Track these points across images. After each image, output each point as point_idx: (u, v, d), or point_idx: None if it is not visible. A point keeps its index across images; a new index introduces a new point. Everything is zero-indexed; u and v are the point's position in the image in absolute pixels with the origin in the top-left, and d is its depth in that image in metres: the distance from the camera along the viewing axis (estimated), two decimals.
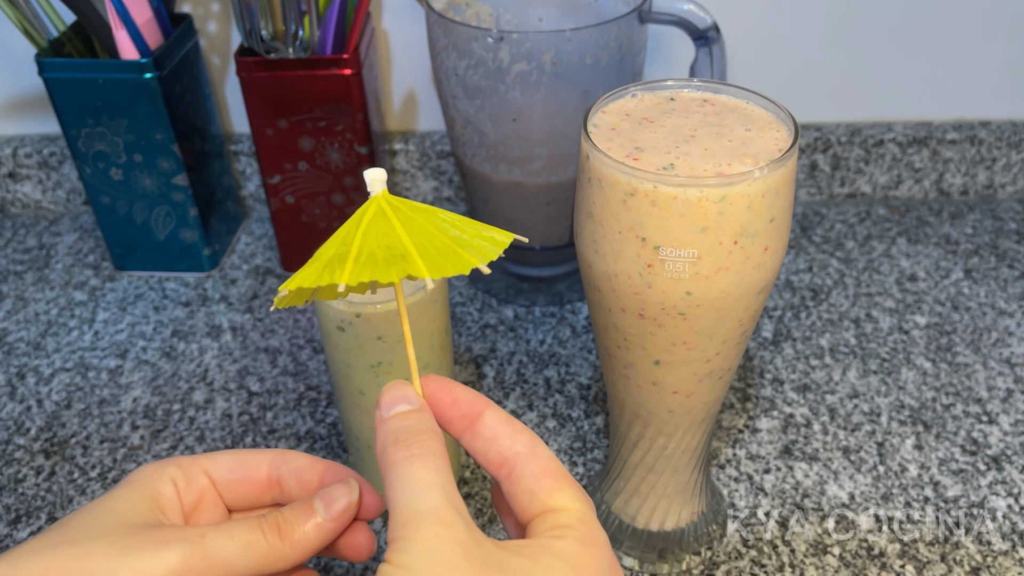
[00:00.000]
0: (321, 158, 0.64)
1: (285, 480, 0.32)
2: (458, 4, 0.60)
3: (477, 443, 0.30)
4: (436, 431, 0.28)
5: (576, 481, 0.29)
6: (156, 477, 0.31)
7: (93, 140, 0.63)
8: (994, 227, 0.74)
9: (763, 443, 0.54)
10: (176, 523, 0.31)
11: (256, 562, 0.29)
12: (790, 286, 0.67)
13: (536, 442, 0.29)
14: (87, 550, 0.27)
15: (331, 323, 0.42)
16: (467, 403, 0.30)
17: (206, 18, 0.71)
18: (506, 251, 0.33)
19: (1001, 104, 0.76)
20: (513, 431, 0.29)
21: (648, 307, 0.36)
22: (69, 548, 0.27)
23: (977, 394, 0.57)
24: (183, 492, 0.31)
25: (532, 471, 0.28)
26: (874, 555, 0.47)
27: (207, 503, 0.32)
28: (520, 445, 0.29)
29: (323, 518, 0.30)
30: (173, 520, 0.31)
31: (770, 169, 0.33)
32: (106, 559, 0.27)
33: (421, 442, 0.27)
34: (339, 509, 0.30)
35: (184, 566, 0.27)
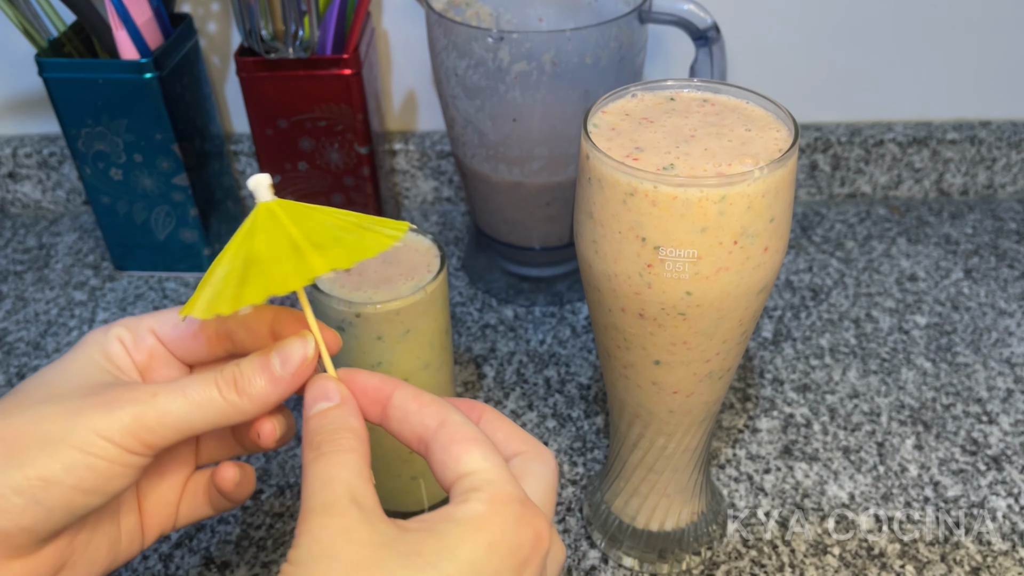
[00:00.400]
0: (321, 158, 0.64)
1: (234, 332, 0.32)
2: (458, 4, 0.60)
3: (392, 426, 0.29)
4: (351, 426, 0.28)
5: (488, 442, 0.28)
6: (103, 338, 0.31)
7: (93, 140, 0.63)
8: (994, 227, 0.74)
9: (763, 443, 0.54)
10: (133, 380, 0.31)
11: (213, 417, 0.29)
12: (790, 286, 0.67)
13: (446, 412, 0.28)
14: (40, 413, 0.28)
15: (331, 323, 0.42)
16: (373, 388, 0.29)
17: (206, 18, 0.71)
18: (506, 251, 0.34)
19: (1001, 104, 0.76)
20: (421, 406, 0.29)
21: (648, 307, 0.36)
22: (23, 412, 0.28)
23: (977, 394, 0.57)
24: (132, 350, 0.31)
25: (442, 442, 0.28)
26: (874, 555, 0.47)
27: (160, 360, 0.32)
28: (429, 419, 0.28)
29: (281, 371, 0.29)
30: (130, 377, 0.31)
31: (770, 169, 0.33)
32: (60, 420, 0.27)
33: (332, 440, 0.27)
34: (295, 363, 0.29)
35: (137, 424, 0.28)
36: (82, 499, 0.27)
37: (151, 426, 0.28)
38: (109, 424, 0.27)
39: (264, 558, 0.48)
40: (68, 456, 0.27)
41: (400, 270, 0.43)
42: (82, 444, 0.27)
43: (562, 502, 0.51)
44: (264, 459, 0.54)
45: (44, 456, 0.27)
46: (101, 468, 0.27)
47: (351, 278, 0.42)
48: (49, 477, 0.27)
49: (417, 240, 0.45)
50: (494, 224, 0.64)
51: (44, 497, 0.27)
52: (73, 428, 0.27)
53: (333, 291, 0.42)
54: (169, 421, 0.28)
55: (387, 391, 0.29)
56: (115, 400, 0.28)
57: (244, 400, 0.29)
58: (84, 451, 0.27)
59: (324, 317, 0.42)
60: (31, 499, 0.27)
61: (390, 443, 0.46)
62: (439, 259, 0.43)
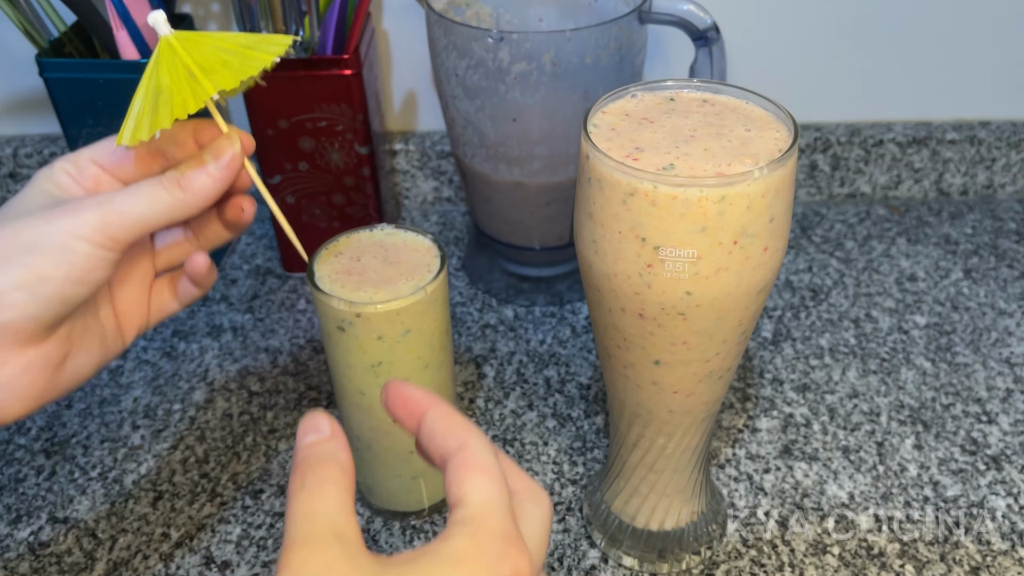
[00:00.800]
0: (321, 158, 0.64)
1: (164, 148, 0.37)
2: (458, 4, 0.60)
3: (423, 440, 0.30)
4: (337, 457, 0.29)
5: (498, 474, 0.28)
6: (50, 172, 0.36)
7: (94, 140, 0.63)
8: (994, 227, 0.74)
9: (763, 443, 0.54)
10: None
11: (164, 212, 0.34)
12: (790, 286, 0.67)
13: (469, 436, 0.29)
14: (16, 226, 0.32)
15: (331, 323, 0.42)
16: (414, 402, 0.30)
17: (207, 18, 0.72)
18: (506, 251, 0.34)
19: (1001, 104, 0.76)
20: (448, 427, 0.29)
21: (648, 307, 0.36)
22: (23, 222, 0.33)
23: (977, 394, 0.57)
24: (78, 179, 0.36)
25: (455, 465, 0.28)
26: (874, 555, 0.47)
27: (106, 184, 0.37)
28: (452, 440, 0.29)
29: (215, 167, 0.34)
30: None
31: (770, 169, 0.33)
32: (35, 228, 0.32)
33: (316, 471, 0.28)
34: (226, 158, 0.35)
35: (101, 223, 0.32)
36: (71, 289, 0.32)
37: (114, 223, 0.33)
38: (79, 224, 0.32)
39: (264, 558, 0.48)
40: (52, 255, 0.32)
41: (400, 270, 0.43)
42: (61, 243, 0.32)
43: (562, 501, 0.51)
44: (265, 460, 0.54)
45: (32, 257, 0.32)
46: (81, 262, 0.32)
47: (351, 278, 0.42)
48: (41, 273, 0.32)
49: (417, 240, 0.45)
50: (494, 224, 0.64)
51: (40, 290, 0.32)
52: (50, 232, 0.32)
53: (333, 291, 0.42)
54: (128, 219, 0.33)
55: (425, 406, 0.30)
56: (79, 206, 0.33)
57: (188, 195, 0.34)
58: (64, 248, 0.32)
59: (324, 317, 0.42)
60: (30, 293, 0.32)
61: (391, 443, 0.46)
62: (439, 259, 0.43)
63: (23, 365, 0.33)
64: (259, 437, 0.55)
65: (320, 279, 0.43)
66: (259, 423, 0.56)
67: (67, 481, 0.53)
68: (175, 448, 0.55)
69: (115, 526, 0.50)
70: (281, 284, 0.69)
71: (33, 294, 0.32)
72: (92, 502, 0.52)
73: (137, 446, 0.55)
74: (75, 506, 0.51)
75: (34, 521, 0.51)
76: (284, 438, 0.55)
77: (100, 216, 0.33)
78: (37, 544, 0.49)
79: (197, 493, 0.52)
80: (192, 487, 0.52)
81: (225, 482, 0.52)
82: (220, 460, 0.54)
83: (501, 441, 0.55)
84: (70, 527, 0.50)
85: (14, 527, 0.50)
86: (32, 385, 0.33)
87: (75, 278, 0.32)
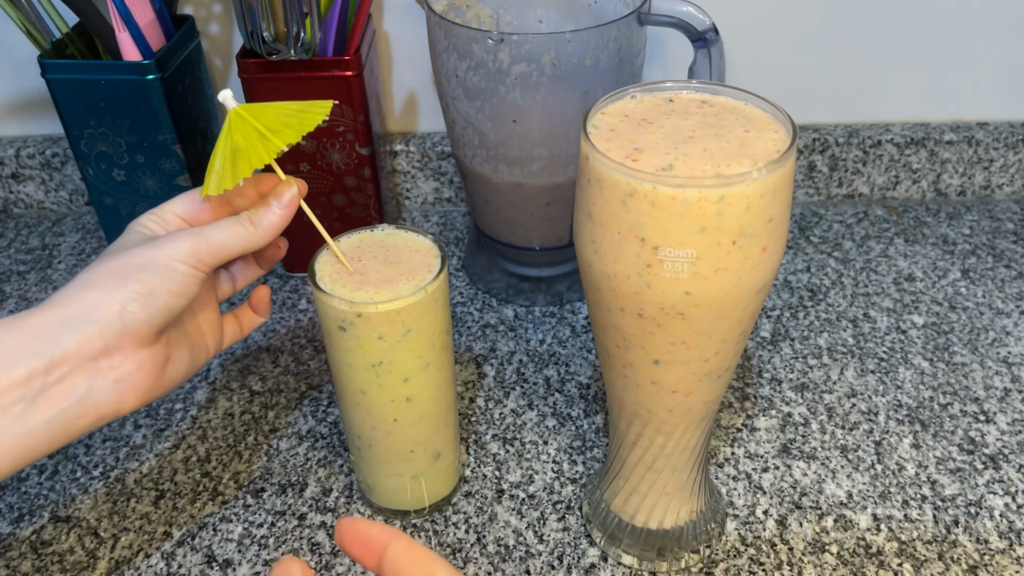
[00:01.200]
0: (322, 159, 0.64)
1: (231, 199, 0.45)
2: (459, 6, 0.61)
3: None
4: None
5: None
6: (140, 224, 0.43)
7: (96, 141, 0.64)
8: (991, 227, 0.74)
9: (761, 442, 0.54)
10: None
11: (240, 242, 0.42)
12: (788, 286, 0.68)
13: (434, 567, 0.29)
14: (130, 253, 0.40)
15: (332, 323, 0.42)
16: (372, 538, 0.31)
17: (208, 20, 0.72)
18: (506, 251, 0.35)
19: (998, 105, 0.76)
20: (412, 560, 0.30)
21: (647, 307, 0.36)
22: (118, 255, 0.40)
23: (974, 393, 0.57)
24: (163, 225, 0.43)
25: None
26: (872, 553, 0.47)
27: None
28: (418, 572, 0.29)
29: (278, 206, 0.43)
30: None
31: (768, 170, 0.33)
32: (145, 254, 0.40)
33: None
34: (287, 199, 0.43)
35: (194, 247, 0.40)
36: (174, 301, 0.40)
37: (204, 248, 0.41)
38: (178, 249, 0.40)
39: (266, 556, 0.48)
40: (160, 273, 0.39)
41: (401, 270, 0.43)
42: (165, 264, 0.40)
43: (562, 500, 0.51)
44: (266, 459, 0.54)
45: (144, 274, 0.39)
46: (180, 279, 0.40)
47: (352, 278, 0.43)
48: (152, 288, 0.39)
49: (418, 240, 0.45)
50: (494, 224, 0.64)
51: (151, 301, 0.39)
52: (157, 256, 0.40)
53: (334, 291, 0.42)
54: (215, 245, 0.41)
55: (384, 541, 0.30)
56: (177, 236, 0.41)
57: (259, 230, 0.42)
58: (168, 268, 0.40)
59: (325, 316, 0.42)
60: (144, 303, 0.39)
61: (391, 442, 0.46)
62: (440, 259, 0.44)
63: (138, 362, 0.39)
64: (260, 436, 0.56)
65: (321, 279, 0.43)
66: (260, 422, 0.57)
67: (69, 480, 0.53)
68: (177, 447, 0.55)
69: (117, 525, 0.50)
70: (282, 284, 0.70)
71: (146, 304, 0.39)
72: (94, 501, 0.52)
73: (139, 445, 0.55)
74: (77, 505, 0.52)
75: (36, 520, 0.51)
76: (285, 437, 0.56)
77: (194, 243, 0.40)
78: (39, 543, 0.49)
79: (199, 492, 0.52)
80: (194, 486, 0.52)
81: (227, 481, 0.53)
82: (222, 459, 0.54)
83: (501, 440, 0.55)
84: (72, 526, 0.50)
85: (16, 526, 0.50)
86: (145, 380, 0.40)
87: (177, 291, 0.40)
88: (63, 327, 0.38)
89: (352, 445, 0.49)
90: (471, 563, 0.47)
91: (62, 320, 0.38)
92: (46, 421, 0.37)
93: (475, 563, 0.47)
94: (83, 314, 0.38)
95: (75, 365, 0.38)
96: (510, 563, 0.47)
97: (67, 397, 0.37)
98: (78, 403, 0.38)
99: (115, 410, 0.39)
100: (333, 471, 0.53)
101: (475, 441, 0.55)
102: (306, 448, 0.55)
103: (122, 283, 0.39)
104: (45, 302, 0.39)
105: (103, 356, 0.38)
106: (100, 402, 0.39)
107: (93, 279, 0.39)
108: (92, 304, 0.38)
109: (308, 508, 0.51)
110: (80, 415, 0.38)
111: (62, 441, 0.38)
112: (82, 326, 0.38)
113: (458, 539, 0.49)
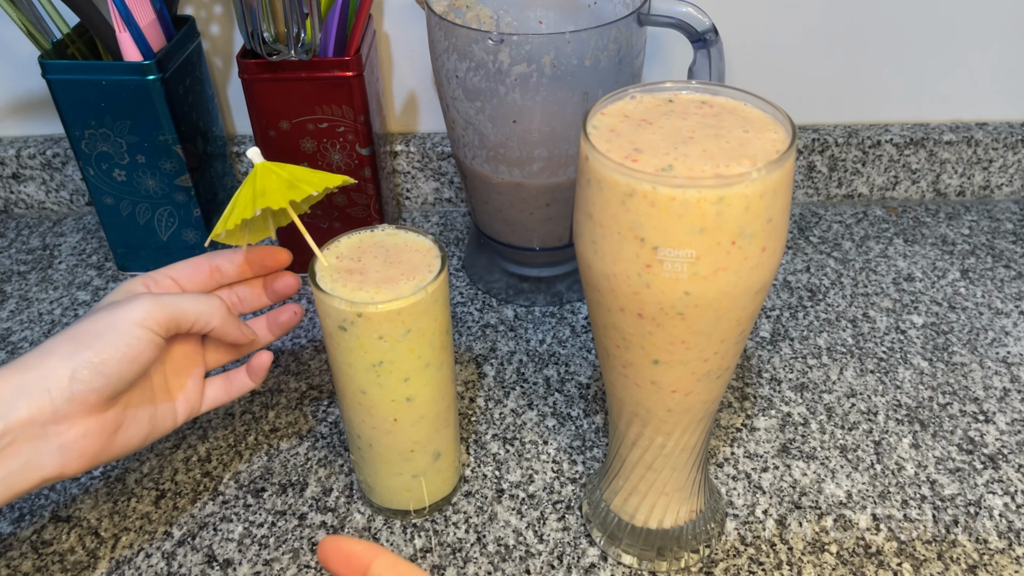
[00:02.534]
0: (323, 159, 0.64)
1: (222, 266, 0.47)
2: (459, 6, 0.61)
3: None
4: None
5: None
6: (130, 283, 0.45)
7: (96, 141, 0.64)
8: (990, 228, 0.74)
9: (761, 442, 0.54)
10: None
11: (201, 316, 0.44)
12: (788, 286, 0.68)
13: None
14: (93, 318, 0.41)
15: (333, 323, 0.42)
16: (356, 556, 0.31)
17: (208, 20, 0.72)
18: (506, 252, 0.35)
19: (998, 105, 0.76)
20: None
21: (647, 307, 0.36)
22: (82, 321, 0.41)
23: (973, 393, 0.57)
24: (152, 289, 0.45)
25: None
26: (871, 553, 0.47)
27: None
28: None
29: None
30: None
31: (768, 170, 0.33)
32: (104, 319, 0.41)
33: None
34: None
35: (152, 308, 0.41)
36: (127, 368, 0.40)
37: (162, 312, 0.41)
38: (134, 312, 0.41)
39: (266, 556, 0.48)
40: (113, 340, 0.40)
41: (401, 270, 0.43)
42: (120, 329, 0.40)
43: (561, 500, 0.51)
44: (267, 458, 0.54)
45: (98, 341, 0.40)
46: (134, 344, 0.40)
47: (352, 277, 0.43)
48: (104, 356, 0.40)
49: (418, 240, 0.45)
50: (494, 225, 0.65)
51: (103, 369, 0.40)
52: (114, 321, 0.41)
53: (335, 291, 0.42)
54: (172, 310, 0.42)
55: (368, 558, 0.30)
56: (137, 299, 0.42)
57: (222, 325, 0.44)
58: (123, 333, 0.40)
59: (326, 316, 0.42)
60: (95, 371, 0.39)
61: (392, 441, 0.46)
62: (440, 259, 0.44)
63: (84, 430, 0.40)
64: (261, 436, 0.56)
65: (321, 279, 0.43)
66: (261, 422, 0.57)
67: (70, 480, 0.53)
68: (177, 447, 0.55)
69: (117, 524, 0.50)
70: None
71: (97, 372, 0.39)
72: (95, 501, 0.52)
73: None
74: (78, 505, 0.52)
75: (37, 519, 0.51)
76: (286, 437, 0.56)
77: (152, 306, 0.41)
78: (40, 542, 0.50)
79: (199, 492, 0.52)
80: (194, 486, 0.52)
81: (227, 481, 0.53)
82: (222, 459, 0.54)
83: (501, 440, 0.55)
84: (73, 525, 0.50)
85: (17, 525, 0.50)
86: (90, 447, 0.40)
87: (130, 358, 0.40)
88: (19, 393, 0.38)
89: (352, 445, 0.49)
90: (471, 563, 0.47)
91: (19, 386, 0.39)
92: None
93: (475, 563, 0.47)
94: (38, 381, 0.39)
95: (24, 430, 0.38)
96: (510, 563, 0.47)
97: (14, 460, 0.38)
98: (24, 466, 0.39)
99: (59, 474, 0.40)
100: (333, 471, 0.53)
101: (475, 441, 0.55)
102: (306, 448, 0.55)
103: (76, 350, 0.40)
104: (9, 364, 0.40)
105: (51, 423, 0.39)
106: (44, 465, 0.39)
107: (53, 345, 0.40)
108: (47, 371, 0.39)
109: (308, 508, 0.51)
110: (25, 478, 0.39)
111: (6, 500, 0.39)
112: (35, 393, 0.39)
113: (458, 539, 0.49)
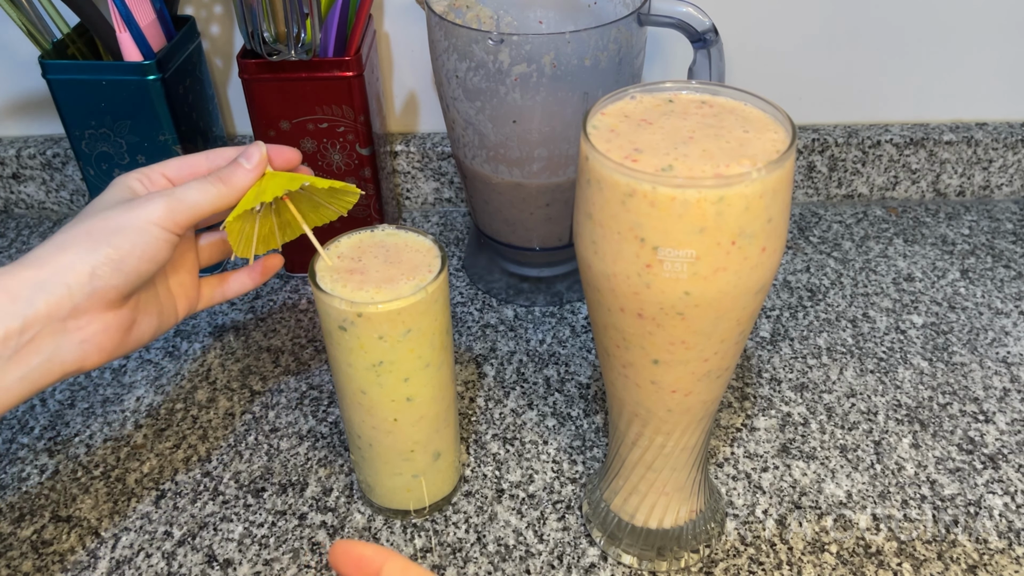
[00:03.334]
0: (323, 159, 0.64)
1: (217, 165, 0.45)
2: (459, 6, 0.61)
3: None
4: None
5: None
6: (125, 179, 0.44)
7: (97, 141, 0.64)
8: (990, 228, 0.74)
9: (761, 442, 0.54)
10: None
11: (211, 201, 0.42)
12: (788, 286, 0.68)
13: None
14: (107, 214, 0.41)
15: (333, 323, 0.42)
16: (367, 560, 0.31)
17: (209, 20, 0.72)
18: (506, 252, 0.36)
19: (998, 105, 0.76)
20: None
21: (647, 307, 0.36)
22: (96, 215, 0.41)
23: (973, 393, 0.57)
24: (148, 186, 0.44)
25: None
26: (871, 553, 0.47)
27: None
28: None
29: (248, 165, 0.43)
30: None
31: (768, 170, 0.33)
32: (120, 217, 0.41)
33: None
34: (256, 159, 0.44)
35: (168, 208, 0.41)
36: (145, 266, 0.41)
37: (178, 209, 0.41)
38: (151, 212, 0.41)
39: (266, 556, 0.48)
40: (132, 237, 0.40)
41: (401, 270, 0.43)
42: (138, 227, 0.40)
43: (561, 500, 0.51)
44: (267, 458, 0.54)
45: (117, 238, 0.40)
46: (152, 243, 0.41)
47: (353, 277, 0.43)
48: (123, 252, 0.40)
49: (418, 240, 0.45)
50: (494, 225, 0.65)
51: (121, 265, 0.40)
52: (131, 219, 0.41)
53: (335, 291, 0.42)
54: (187, 204, 0.42)
55: (379, 562, 0.30)
56: (151, 198, 0.41)
57: (228, 187, 0.43)
58: (141, 231, 0.40)
59: (326, 316, 0.42)
60: (114, 268, 0.40)
61: (392, 441, 0.46)
62: (440, 259, 0.44)
63: (104, 324, 0.41)
64: (261, 436, 0.56)
65: (322, 279, 0.43)
66: (261, 422, 0.57)
67: (70, 480, 0.53)
68: (177, 447, 0.55)
69: (118, 525, 0.50)
70: (283, 284, 0.70)
71: (116, 269, 0.40)
72: (95, 501, 0.52)
73: (140, 445, 0.55)
74: (78, 504, 0.52)
75: (37, 520, 0.51)
76: (286, 437, 0.56)
77: (167, 204, 0.41)
78: (40, 542, 0.50)
79: (199, 492, 0.52)
80: (194, 486, 0.52)
81: (227, 481, 0.53)
82: (222, 459, 0.54)
83: (501, 440, 0.55)
84: (73, 525, 0.50)
85: (17, 525, 0.50)
86: (109, 341, 0.41)
87: (148, 256, 0.41)
88: (36, 289, 0.39)
89: (352, 445, 0.49)
90: (471, 563, 0.48)
91: (35, 281, 0.39)
92: (19, 378, 0.39)
93: (475, 563, 0.48)
94: (55, 276, 0.39)
95: (45, 325, 0.39)
96: (510, 563, 0.47)
97: (36, 355, 0.39)
98: (46, 360, 0.39)
99: (79, 367, 0.41)
100: (333, 471, 0.53)
101: (475, 441, 0.55)
102: (306, 448, 0.55)
103: (95, 246, 0.40)
104: (19, 261, 0.40)
105: (71, 317, 0.39)
106: (66, 360, 0.40)
107: (67, 241, 0.40)
108: (65, 266, 0.39)
109: (309, 508, 0.51)
110: (47, 372, 0.40)
111: (30, 394, 0.40)
112: (54, 288, 0.39)
113: (458, 539, 0.49)
